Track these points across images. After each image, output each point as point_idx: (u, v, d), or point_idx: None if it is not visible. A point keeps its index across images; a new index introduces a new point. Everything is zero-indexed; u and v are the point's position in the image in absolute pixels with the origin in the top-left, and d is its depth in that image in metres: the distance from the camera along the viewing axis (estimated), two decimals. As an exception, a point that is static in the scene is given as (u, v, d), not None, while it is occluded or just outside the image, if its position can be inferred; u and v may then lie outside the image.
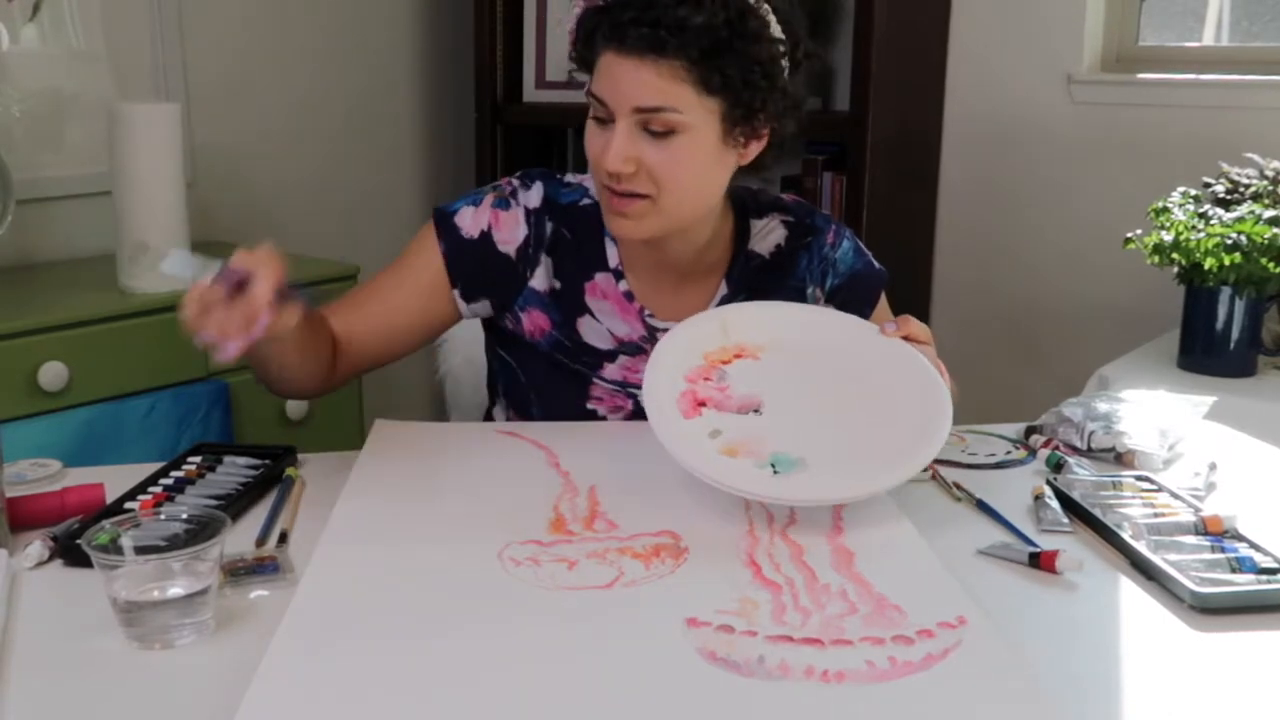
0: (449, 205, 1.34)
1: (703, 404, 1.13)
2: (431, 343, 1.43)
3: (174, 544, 0.89)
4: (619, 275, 1.33)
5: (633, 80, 1.17)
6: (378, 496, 1.11)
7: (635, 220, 1.23)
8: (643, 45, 1.16)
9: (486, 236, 1.31)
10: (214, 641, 0.86)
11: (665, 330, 1.33)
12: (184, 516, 0.93)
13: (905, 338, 1.19)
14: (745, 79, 1.18)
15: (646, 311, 1.33)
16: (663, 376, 1.14)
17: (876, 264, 1.44)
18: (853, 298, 1.41)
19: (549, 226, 1.32)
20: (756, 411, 1.13)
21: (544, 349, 1.34)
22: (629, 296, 1.33)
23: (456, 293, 1.33)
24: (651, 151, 1.19)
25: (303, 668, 0.80)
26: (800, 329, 1.22)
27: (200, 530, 0.90)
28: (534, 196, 1.33)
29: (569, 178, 1.36)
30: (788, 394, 1.15)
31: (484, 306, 1.35)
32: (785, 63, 1.22)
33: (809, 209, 1.42)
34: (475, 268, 1.32)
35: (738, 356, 1.19)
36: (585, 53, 1.23)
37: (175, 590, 0.85)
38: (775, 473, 1.05)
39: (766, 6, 1.20)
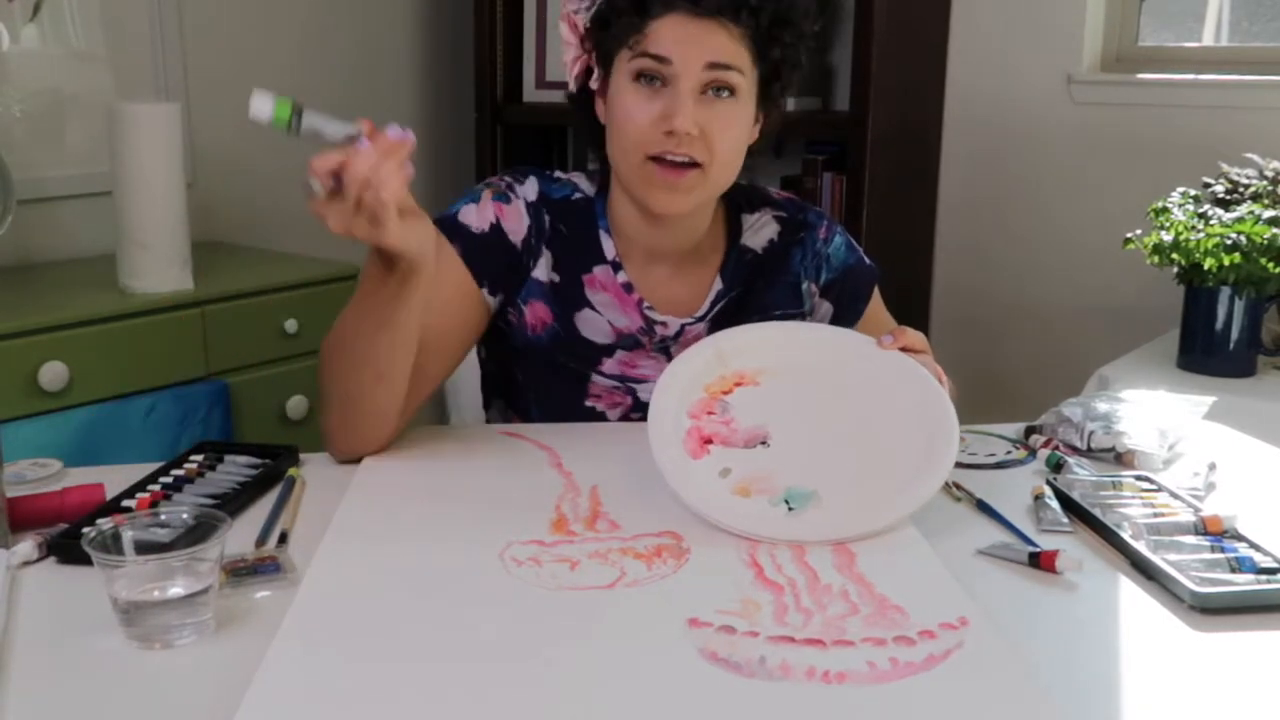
0: (448, 210, 1.32)
1: (709, 441, 1.12)
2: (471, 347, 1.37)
3: (174, 544, 0.89)
4: (617, 267, 1.33)
5: (704, 39, 1.19)
6: (379, 496, 1.11)
7: (685, 193, 1.22)
8: (716, 9, 1.18)
9: (497, 227, 1.30)
10: (214, 641, 0.86)
11: (663, 323, 1.33)
12: (184, 516, 0.93)
13: (903, 349, 1.19)
14: (788, 54, 1.23)
15: (645, 304, 1.33)
16: (666, 417, 1.12)
17: (868, 260, 1.45)
18: (847, 292, 1.42)
19: (547, 220, 1.32)
20: (764, 444, 1.12)
21: (544, 343, 1.34)
22: (628, 288, 1.33)
23: (485, 290, 1.30)
24: (707, 114, 1.20)
25: (303, 668, 0.80)
26: (797, 348, 1.21)
27: (200, 530, 0.90)
28: (530, 190, 1.33)
29: (556, 174, 1.36)
30: (792, 421, 1.14)
31: (500, 301, 1.33)
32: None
33: (800, 204, 1.43)
34: (492, 259, 1.30)
35: (738, 385, 1.17)
36: (635, 19, 1.20)
37: (175, 590, 0.85)
38: (790, 509, 1.05)
39: None
